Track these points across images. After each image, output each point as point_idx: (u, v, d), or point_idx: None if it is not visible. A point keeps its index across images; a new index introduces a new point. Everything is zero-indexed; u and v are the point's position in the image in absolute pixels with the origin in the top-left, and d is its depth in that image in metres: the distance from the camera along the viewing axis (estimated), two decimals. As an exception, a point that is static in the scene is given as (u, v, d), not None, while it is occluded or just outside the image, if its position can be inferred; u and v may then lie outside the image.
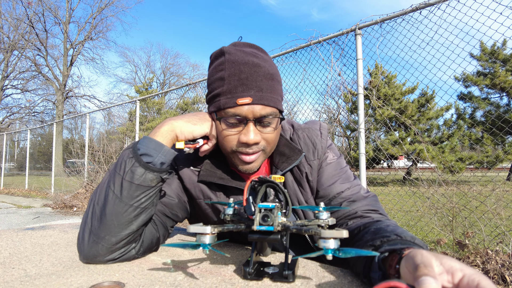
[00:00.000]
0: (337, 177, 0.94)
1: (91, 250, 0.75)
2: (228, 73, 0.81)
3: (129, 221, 0.75)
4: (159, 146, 0.78)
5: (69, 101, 24.42)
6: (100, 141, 8.98)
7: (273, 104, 0.82)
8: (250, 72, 0.80)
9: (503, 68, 10.76)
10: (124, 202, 0.74)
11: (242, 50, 0.83)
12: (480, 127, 11.05)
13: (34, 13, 21.48)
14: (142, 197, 0.76)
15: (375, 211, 0.87)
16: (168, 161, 0.80)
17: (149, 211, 0.79)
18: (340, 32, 3.60)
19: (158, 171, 0.77)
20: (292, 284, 0.61)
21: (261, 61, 0.83)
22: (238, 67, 0.80)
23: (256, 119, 0.81)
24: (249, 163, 0.85)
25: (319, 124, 1.01)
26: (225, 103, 0.80)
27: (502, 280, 2.12)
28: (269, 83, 0.82)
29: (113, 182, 0.76)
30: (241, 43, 0.87)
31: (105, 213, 0.75)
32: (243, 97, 0.79)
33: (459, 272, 0.41)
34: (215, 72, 0.85)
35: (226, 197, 0.91)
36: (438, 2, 2.91)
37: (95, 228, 0.75)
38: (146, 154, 0.77)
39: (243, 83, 0.79)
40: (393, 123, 11.39)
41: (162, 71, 32.83)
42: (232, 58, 0.82)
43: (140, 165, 0.75)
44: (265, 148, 0.86)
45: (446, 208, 2.98)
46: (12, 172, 21.82)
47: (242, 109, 0.79)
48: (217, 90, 0.82)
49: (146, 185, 0.76)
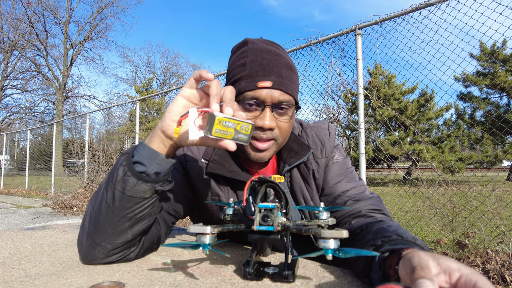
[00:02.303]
0: (343, 176, 0.95)
1: (88, 253, 0.74)
2: (250, 59, 0.84)
3: (123, 230, 0.71)
4: (153, 154, 0.69)
5: (69, 101, 24.46)
6: (100, 141, 8.99)
7: (291, 92, 0.85)
8: (272, 59, 0.84)
9: (503, 68, 10.76)
10: (115, 213, 0.70)
11: (264, 42, 0.88)
12: (480, 127, 11.05)
13: (34, 13, 21.50)
14: (135, 209, 0.70)
15: (379, 211, 0.88)
16: (164, 171, 0.71)
17: (146, 221, 0.74)
18: (340, 32, 3.59)
19: (153, 181, 0.69)
20: (292, 284, 0.61)
21: (282, 52, 0.88)
22: (261, 54, 0.84)
23: (273, 105, 0.83)
24: (261, 150, 0.86)
25: (328, 124, 1.03)
26: (245, 86, 0.82)
27: (502, 280, 2.12)
28: (288, 72, 0.85)
29: (106, 190, 0.71)
30: (263, 39, 0.91)
31: (99, 220, 0.71)
32: (263, 81, 0.81)
33: (457, 272, 0.41)
34: (236, 60, 0.88)
35: (233, 192, 0.92)
36: (438, 2, 2.91)
37: (91, 233, 0.73)
38: (139, 163, 0.69)
39: (265, 68, 0.82)
40: (393, 123, 11.39)
41: (162, 71, 32.86)
42: (255, 47, 0.85)
43: (132, 174, 0.68)
44: (278, 138, 0.87)
45: (446, 208, 2.98)
46: (12, 172, 21.82)
47: (261, 93, 0.81)
48: (238, 75, 0.85)
49: (138, 197, 0.69)
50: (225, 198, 0.92)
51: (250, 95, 0.82)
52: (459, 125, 11.89)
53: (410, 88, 12.13)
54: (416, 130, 5.93)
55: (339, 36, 3.64)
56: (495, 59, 10.91)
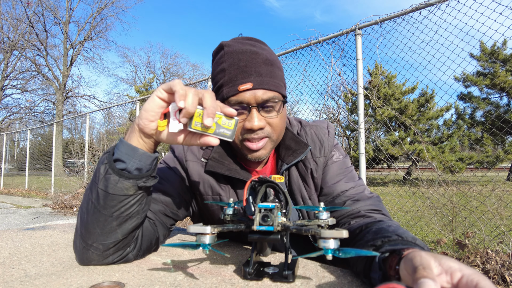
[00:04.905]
0: (342, 175, 0.95)
1: (83, 255, 0.73)
2: (228, 64, 0.83)
3: (112, 230, 0.70)
4: (132, 150, 0.68)
5: (69, 101, 24.46)
6: (100, 141, 8.98)
7: (274, 88, 0.84)
8: (249, 59, 0.83)
9: (503, 68, 10.76)
10: (102, 212, 0.68)
11: (240, 42, 0.87)
12: (480, 127, 11.05)
13: (34, 13, 21.50)
14: (120, 207, 0.69)
15: (378, 211, 0.87)
16: (146, 166, 0.69)
17: (135, 219, 0.72)
18: (340, 32, 3.59)
19: (134, 178, 0.68)
20: (292, 284, 0.61)
21: (259, 49, 0.86)
22: (237, 56, 0.83)
23: (259, 105, 0.82)
24: (256, 150, 0.86)
25: (327, 123, 1.03)
26: (228, 92, 0.82)
27: (502, 280, 2.12)
28: (268, 68, 0.84)
29: (91, 190, 0.70)
30: (239, 38, 0.90)
31: (87, 221, 0.70)
32: (243, 83, 0.81)
33: (458, 272, 0.41)
34: (216, 66, 0.87)
35: (234, 191, 0.92)
36: (438, 2, 2.91)
37: (83, 234, 0.71)
38: (119, 160, 0.68)
39: (243, 70, 0.82)
40: (393, 123, 11.39)
41: (162, 71, 32.83)
42: (231, 50, 0.84)
43: (113, 172, 0.67)
44: (271, 135, 0.87)
45: (446, 208, 2.98)
46: (12, 172, 21.82)
47: (245, 96, 0.81)
48: (220, 81, 0.84)
49: (122, 194, 0.68)
50: (226, 197, 0.92)
51: (234, 100, 0.82)
52: (459, 125, 11.89)
53: (410, 88, 12.12)
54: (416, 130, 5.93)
55: (339, 36, 3.64)
56: (495, 59, 10.90)
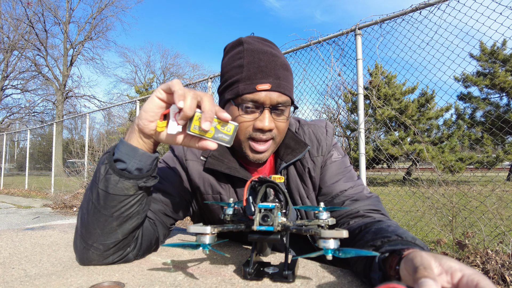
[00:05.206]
0: (341, 175, 0.95)
1: (84, 255, 0.73)
2: (247, 61, 0.84)
3: (112, 230, 0.70)
4: (132, 150, 0.68)
5: (69, 101, 24.45)
6: (100, 141, 8.98)
7: (288, 92, 0.86)
8: (269, 60, 0.84)
9: (503, 68, 10.76)
10: (102, 212, 0.68)
11: (260, 41, 0.88)
12: (480, 127, 11.05)
13: (34, 13, 21.50)
14: (120, 207, 0.69)
15: (377, 211, 0.87)
16: (146, 166, 0.69)
17: (135, 220, 0.72)
18: (340, 32, 3.59)
19: (135, 178, 0.68)
20: (292, 284, 0.61)
21: (277, 52, 0.88)
22: (258, 56, 0.84)
23: (272, 106, 0.84)
24: (260, 152, 0.87)
25: (325, 123, 1.03)
26: (244, 89, 0.83)
27: (502, 280, 2.12)
28: (285, 73, 0.86)
29: (91, 190, 0.70)
30: (257, 37, 0.91)
31: (87, 221, 0.70)
32: (262, 83, 0.82)
33: (458, 272, 0.41)
34: (232, 60, 0.88)
35: (234, 190, 0.92)
36: (438, 2, 2.91)
37: (83, 234, 0.71)
38: (120, 160, 0.68)
39: (262, 70, 0.83)
40: (393, 123, 11.39)
41: (162, 71, 32.81)
42: (251, 47, 0.85)
43: (114, 172, 0.66)
44: (276, 137, 0.88)
45: (446, 208, 2.98)
46: (12, 172, 21.81)
47: (260, 95, 0.82)
48: (235, 77, 0.85)
49: (122, 194, 0.68)
50: (227, 196, 0.92)
51: (249, 97, 0.83)
52: (459, 125, 11.89)
53: (410, 88, 12.13)
54: (416, 130, 5.92)
55: (339, 36, 3.64)
56: (495, 59, 10.91)
